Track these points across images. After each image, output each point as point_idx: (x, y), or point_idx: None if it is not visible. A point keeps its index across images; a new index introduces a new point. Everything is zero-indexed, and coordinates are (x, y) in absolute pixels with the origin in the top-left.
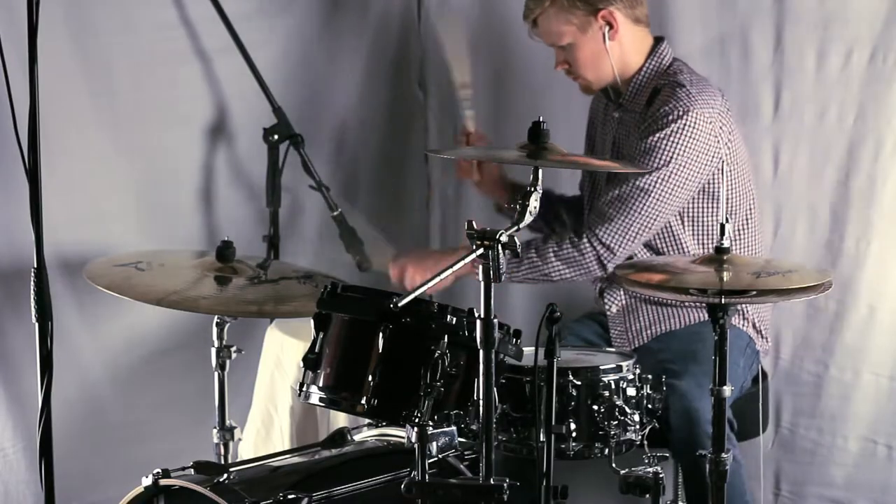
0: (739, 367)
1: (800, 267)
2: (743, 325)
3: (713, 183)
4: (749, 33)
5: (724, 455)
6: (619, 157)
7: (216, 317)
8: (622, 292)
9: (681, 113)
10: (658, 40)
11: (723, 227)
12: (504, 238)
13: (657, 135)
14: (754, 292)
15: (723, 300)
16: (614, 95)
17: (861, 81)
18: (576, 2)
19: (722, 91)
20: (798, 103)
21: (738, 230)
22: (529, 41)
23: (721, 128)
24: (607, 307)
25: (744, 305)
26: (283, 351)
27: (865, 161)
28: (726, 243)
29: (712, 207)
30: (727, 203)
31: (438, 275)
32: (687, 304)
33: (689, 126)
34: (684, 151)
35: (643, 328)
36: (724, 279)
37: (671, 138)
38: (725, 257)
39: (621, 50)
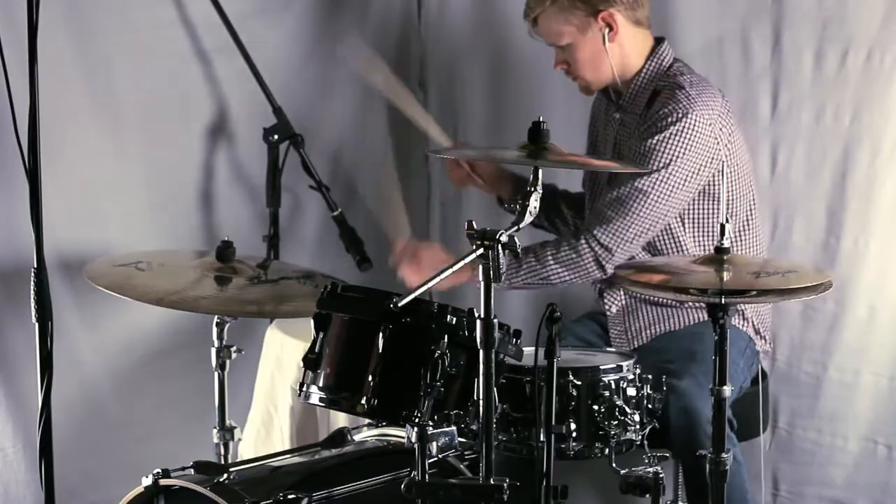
0: (739, 368)
1: (799, 267)
2: (743, 326)
3: (713, 184)
4: (747, 34)
5: (724, 455)
6: (621, 157)
7: (216, 317)
8: (622, 292)
9: (680, 115)
10: (658, 41)
11: (723, 227)
12: (504, 238)
13: (656, 137)
14: (754, 292)
15: (723, 300)
16: (615, 97)
17: (858, 82)
18: (576, 2)
19: (722, 92)
20: (796, 103)
21: (739, 231)
22: (529, 41)
23: (721, 129)
24: (607, 307)
25: (744, 306)
26: (283, 351)
27: (863, 161)
28: (726, 243)
29: (712, 209)
30: (727, 204)
31: (438, 275)
32: (687, 304)
33: (689, 128)
34: (684, 153)
35: (643, 328)
36: (725, 279)
37: (670, 140)
38: (726, 257)
39: (621, 51)
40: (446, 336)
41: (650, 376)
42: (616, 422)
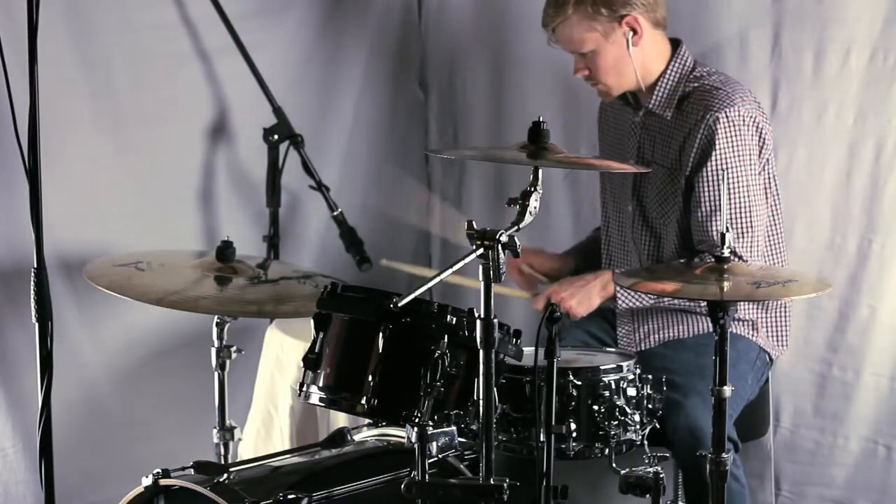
0: (748, 383)
1: (799, 275)
2: (752, 336)
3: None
4: (747, 34)
5: (724, 455)
6: (646, 162)
7: (216, 317)
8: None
9: (731, 115)
10: (676, 43)
11: (723, 236)
12: (504, 238)
13: (716, 151)
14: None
15: (723, 299)
16: (633, 100)
17: (860, 82)
18: (599, 8)
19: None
20: (796, 104)
21: (769, 227)
22: (529, 41)
23: (763, 120)
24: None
25: (755, 316)
26: (283, 351)
27: (865, 161)
28: (726, 252)
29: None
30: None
31: (439, 274)
32: (697, 310)
33: (743, 125)
34: (751, 150)
35: (651, 332)
36: (724, 289)
37: (731, 149)
38: (726, 266)
39: (644, 55)
40: (446, 336)
41: (650, 376)
42: (616, 422)
